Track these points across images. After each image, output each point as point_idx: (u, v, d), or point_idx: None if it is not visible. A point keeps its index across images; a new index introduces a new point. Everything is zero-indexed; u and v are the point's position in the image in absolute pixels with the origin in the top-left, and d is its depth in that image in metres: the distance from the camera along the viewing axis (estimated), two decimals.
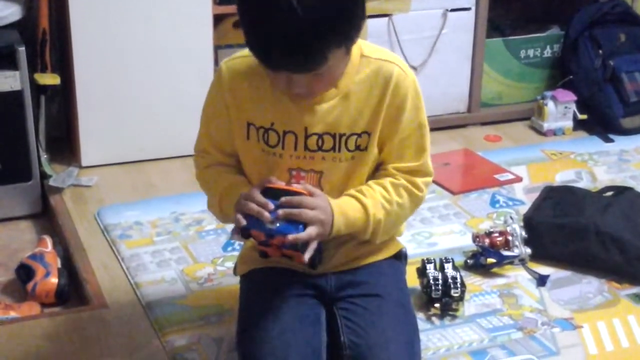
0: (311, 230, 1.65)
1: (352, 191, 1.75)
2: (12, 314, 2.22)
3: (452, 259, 2.22)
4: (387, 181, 1.77)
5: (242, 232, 1.66)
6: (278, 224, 1.64)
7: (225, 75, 1.77)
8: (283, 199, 1.65)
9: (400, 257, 1.94)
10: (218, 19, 3.06)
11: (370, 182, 1.78)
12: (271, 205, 1.64)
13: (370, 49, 1.76)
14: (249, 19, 1.57)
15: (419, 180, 1.80)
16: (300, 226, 1.64)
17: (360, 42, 1.73)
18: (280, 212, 1.64)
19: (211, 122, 1.83)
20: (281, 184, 1.70)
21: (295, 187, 1.69)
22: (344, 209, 1.72)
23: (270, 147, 1.75)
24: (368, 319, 1.75)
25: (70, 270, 2.40)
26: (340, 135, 1.73)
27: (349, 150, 1.75)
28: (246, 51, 1.69)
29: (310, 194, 1.68)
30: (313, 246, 1.67)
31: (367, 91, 1.72)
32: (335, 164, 1.75)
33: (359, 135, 1.74)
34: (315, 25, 1.50)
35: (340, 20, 1.54)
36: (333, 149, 1.74)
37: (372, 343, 1.71)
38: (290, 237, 1.63)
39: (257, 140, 1.76)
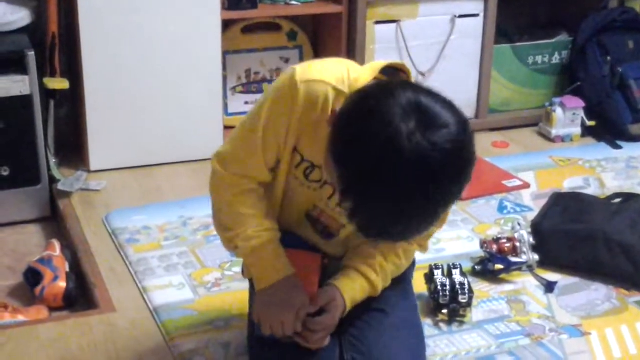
0: (323, 321, 1.68)
1: (366, 269, 1.72)
2: (20, 317, 2.22)
3: (460, 265, 2.22)
4: (399, 248, 1.76)
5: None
6: None
7: (301, 98, 1.59)
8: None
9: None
10: (227, 25, 3.07)
11: (385, 250, 1.74)
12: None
13: None
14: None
15: (428, 241, 1.82)
16: None
17: None
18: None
19: (265, 136, 1.65)
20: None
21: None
22: (356, 298, 1.72)
23: (309, 181, 1.69)
24: (371, 337, 1.74)
25: (78, 274, 2.41)
26: None
27: None
28: (326, 76, 1.60)
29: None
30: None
31: None
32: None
33: None
34: (439, 209, 1.44)
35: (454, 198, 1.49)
36: None
37: None
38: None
39: (296, 166, 1.68)
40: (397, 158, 1.35)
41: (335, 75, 1.61)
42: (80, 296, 2.37)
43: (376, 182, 1.37)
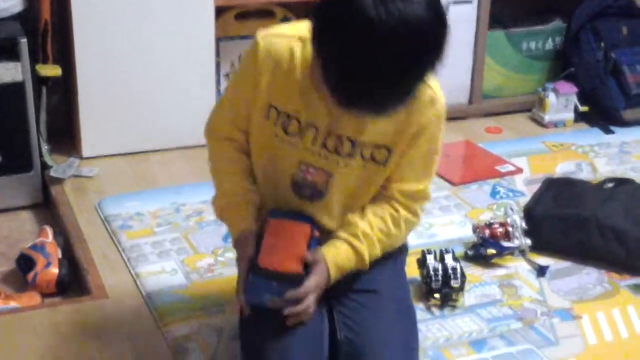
0: (307, 287, 1.67)
1: (349, 237, 1.73)
2: (13, 304, 2.22)
3: (452, 249, 2.23)
4: (387, 214, 1.76)
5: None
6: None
7: (261, 51, 1.69)
8: (287, 296, 1.65)
9: (400, 248, 1.94)
10: (220, 11, 3.06)
11: (371, 217, 1.75)
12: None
13: None
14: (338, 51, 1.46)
15: (418, 207, 1.79)
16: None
17: None
18: (288, 318, 1.67)
19: (235, 88, 1.79)
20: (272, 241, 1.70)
21: (289, 266, 1.68)
22: (341, 264, 1.72)
23: (287, 134, 1.71)
24: (365, 317, 1.75)
25: (70, 260, 2.41)
26: (360, 143, 1.69)
27: (363, 158, 1.71)
28: (285, 30, 1.70)
29: (307, 266, 1.68)
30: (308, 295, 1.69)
31: None
32: (347, 171, 1.72)
33: (378, 147, 1.70)
34: (407, 69, 1.47)
35: (425, 61, 1.52)
36: (349, 155, 1.70)
37: (368, 340, 1.70)
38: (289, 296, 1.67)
39: (274, 124, 1.72)
40: (367, 22, 1.40)
41: (298, 28, 1.67)
42: (73, 282, 2.37)
43: (350, 45, 1.42)
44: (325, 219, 1.77)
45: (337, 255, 1.72)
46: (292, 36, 1.68)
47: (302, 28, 1.64)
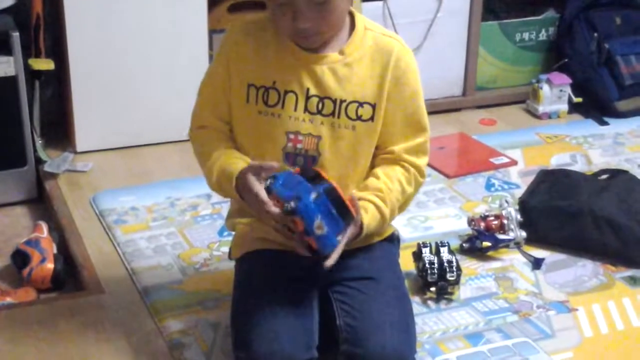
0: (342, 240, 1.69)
1: (375, 199, 1.76)
2: (8, 299, 2.22)
3: (448, 242, 2.23)
4: (401, 175, 1.80)
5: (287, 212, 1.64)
6: (326, 228, 1.64)
7: (231, 32, 1.81)
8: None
9: (393, 239, 1.95)
10: (213, 3, 3.05)
11: (387, 180, 1.78)
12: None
13: (372, 24, 1.82)
14: None
15: (422, 164, 1.84)
16: (342, 225, 1.66)
17: (364, 18, 1.80)
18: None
19: (210, 84, 1.84)
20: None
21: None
22: (371, 226, 1.75)
23: (269, 107, 1.77)
24: (363, 302, 1.76)
25: (66, 256, 2.40)
26: (341, 101, 1.76)
27: (349, 118, 1.76)
28: (254, 17, 1.79)
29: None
30: (339, 250, 1.69)
31: (370, 62, 1.77)
32: (334, 131, 1.77)
33: (361, 104, 1.76)
34: None
35: None
36: (332, 114, 1.76)
37: (367, 325, 1.72)
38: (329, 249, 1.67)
39: (255, 102, 1.77)
40: None
41: (265, 14, 1.77)
42: (69, 278, 2.36)
43: None
44: None
45: (367, 217, 1.74)
46: (256, 20, 1.80)
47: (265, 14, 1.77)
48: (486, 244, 2.35)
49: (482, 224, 2.38)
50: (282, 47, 1.77)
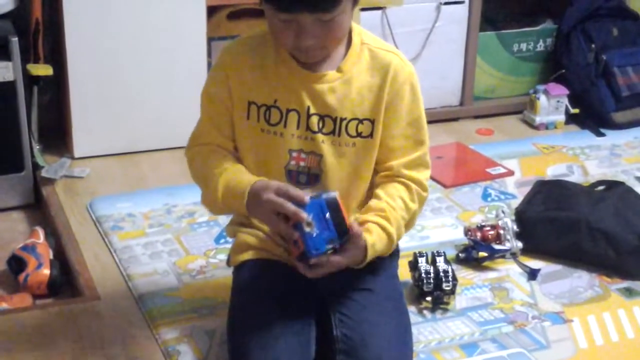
0: (340, 260, 1.68)
1: (379, 219, 1.75)
2: (4, 305, 2.21)
3: (444, 252, 2.23)
4: (402, 192, 1.79)
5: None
6: (316, 230, 1.64)
7: (227, 56, 1.79)
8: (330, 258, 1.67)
9: (392, 252, 1.94)
10: (212, 11, 3.06)
11: (389, 199, 1.77)
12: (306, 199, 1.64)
13: (369, 38, 1.81)
14: None
15: (423, 178, 1.83)
16: (334, 233, 1.65)
17: (361, 30, 1.79)
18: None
19: (213, 101, 1.82)
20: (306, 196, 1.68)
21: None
22: (377, 247, 1.74)
23: (271, 125, 1.77)
24: (360, 313, 1.76)
25: (62, 261, 2.40)
26: (341, 119, 1.76)
27: (349, 136, 1.77)
28: (249, 34, 1.78)
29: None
30: (329, 265, 1.69)
31: (368, 78, 1.76)
32: (336, 149, 1.77)
33: (360, 121, 1.76)
34: None
35: None
36: (333, 132, 1.76)
37: (364, 336, 1.71)
38: (313, 260, 1.66)
39: (257, 120, 1.77)
40: None
41: (259, 30, 1.79)
42: (65, 284, 2.36)
43: None
44: None
45: (372, 238, 1.73)
46: (253, 36, 1.80)
47: (261, 29, 1.77)
48: (482, 254, 2.35)
49: (479, 234, 2.38)
50: (281, 64, 1.76)
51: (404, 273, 2.17)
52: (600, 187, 2.63)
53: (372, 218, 1.75)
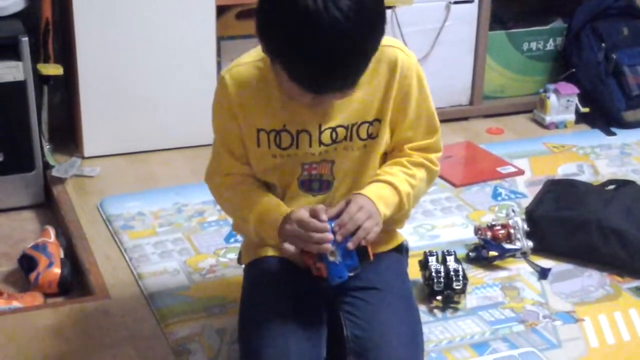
0: (368, 224, 1.67)
1: (384, 176, 1.76)
2: (15, 303, 2.22)
3: (454, 251, 2.23)
4: (403, 160, 1.80)
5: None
6: (339, 258, 1.67)
7: (229, 85, 1.73)
8: (335, 226, 1.66)
9: (402, 250, 1.94)
10: (221, 10, 3.06)
11: (387, 165, 1.79)
12: (330, 236, 1.66)
13: None
14: (291, 44, 1.51)
15: (433, 156, 1.83)
16: (356, 262, 1.68)
17: None
18: (338, 236, 1.66)
19: (225, 134, 1.79)
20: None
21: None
22: (379, 194, 1.73)
23: (282, 149, 1.74)
24: (370, 313, 1.76)
25: (72, 260, 2.41)
26: (352, 125, 1.75)
27: (360, 139, 1.76)
28: (246, 58, 1.73)
29: (348, 202, 1.69)
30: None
31: (373, 78, 1.73)
32: (347, 153, 1.77)
33: (371, 123, 1.76)
34: (361, 41, 1.51)
35: (377, 32, 1.55)
36: (345, 138, 1.75)
37: (375, 336, 1.71)
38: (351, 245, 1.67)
39: (268, 146, 1.75)
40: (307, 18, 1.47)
41: (257, 51, 1.71)
42: (75, 282, 2.37)
43: (291, 39, 1.51)
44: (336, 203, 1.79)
45: (372, 188, 1.73)
46: (254, 60, 1.72)
47: (259, 49, 1.70)
48: (493, 253, 2.35)
49: (489, 233, 2.37)
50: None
51: (414, 272, 2.17)
52: (611, 187, 2.62)
53: (377, 178, 1.76)
